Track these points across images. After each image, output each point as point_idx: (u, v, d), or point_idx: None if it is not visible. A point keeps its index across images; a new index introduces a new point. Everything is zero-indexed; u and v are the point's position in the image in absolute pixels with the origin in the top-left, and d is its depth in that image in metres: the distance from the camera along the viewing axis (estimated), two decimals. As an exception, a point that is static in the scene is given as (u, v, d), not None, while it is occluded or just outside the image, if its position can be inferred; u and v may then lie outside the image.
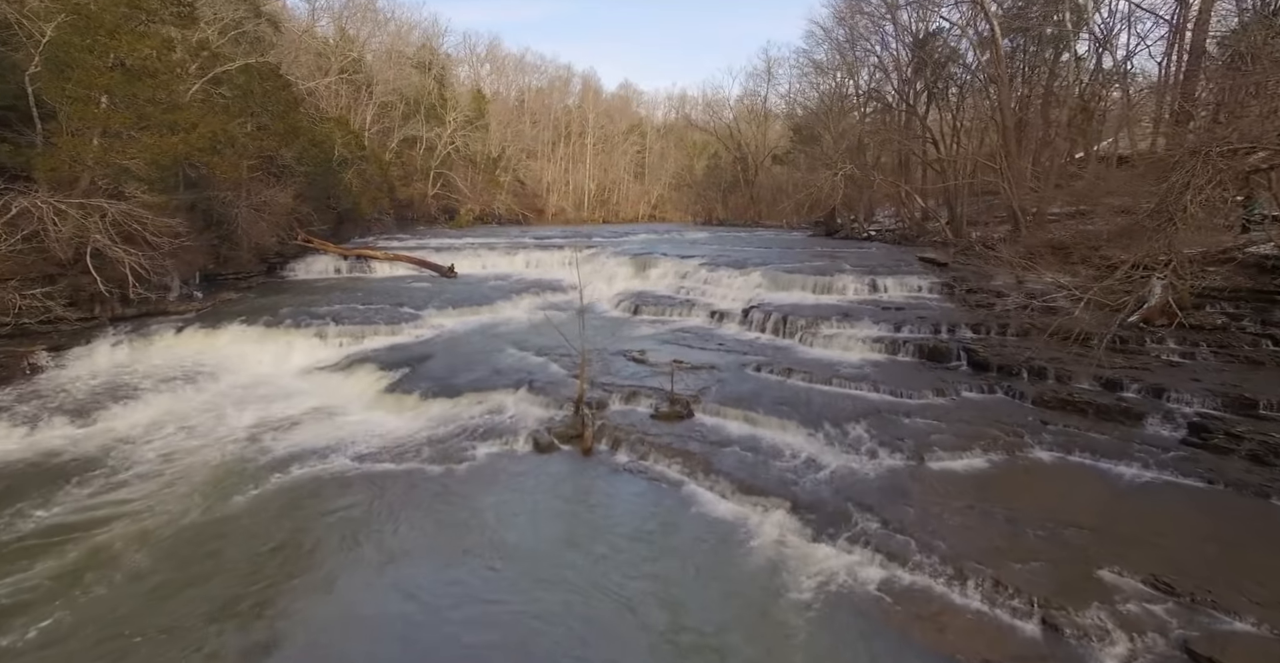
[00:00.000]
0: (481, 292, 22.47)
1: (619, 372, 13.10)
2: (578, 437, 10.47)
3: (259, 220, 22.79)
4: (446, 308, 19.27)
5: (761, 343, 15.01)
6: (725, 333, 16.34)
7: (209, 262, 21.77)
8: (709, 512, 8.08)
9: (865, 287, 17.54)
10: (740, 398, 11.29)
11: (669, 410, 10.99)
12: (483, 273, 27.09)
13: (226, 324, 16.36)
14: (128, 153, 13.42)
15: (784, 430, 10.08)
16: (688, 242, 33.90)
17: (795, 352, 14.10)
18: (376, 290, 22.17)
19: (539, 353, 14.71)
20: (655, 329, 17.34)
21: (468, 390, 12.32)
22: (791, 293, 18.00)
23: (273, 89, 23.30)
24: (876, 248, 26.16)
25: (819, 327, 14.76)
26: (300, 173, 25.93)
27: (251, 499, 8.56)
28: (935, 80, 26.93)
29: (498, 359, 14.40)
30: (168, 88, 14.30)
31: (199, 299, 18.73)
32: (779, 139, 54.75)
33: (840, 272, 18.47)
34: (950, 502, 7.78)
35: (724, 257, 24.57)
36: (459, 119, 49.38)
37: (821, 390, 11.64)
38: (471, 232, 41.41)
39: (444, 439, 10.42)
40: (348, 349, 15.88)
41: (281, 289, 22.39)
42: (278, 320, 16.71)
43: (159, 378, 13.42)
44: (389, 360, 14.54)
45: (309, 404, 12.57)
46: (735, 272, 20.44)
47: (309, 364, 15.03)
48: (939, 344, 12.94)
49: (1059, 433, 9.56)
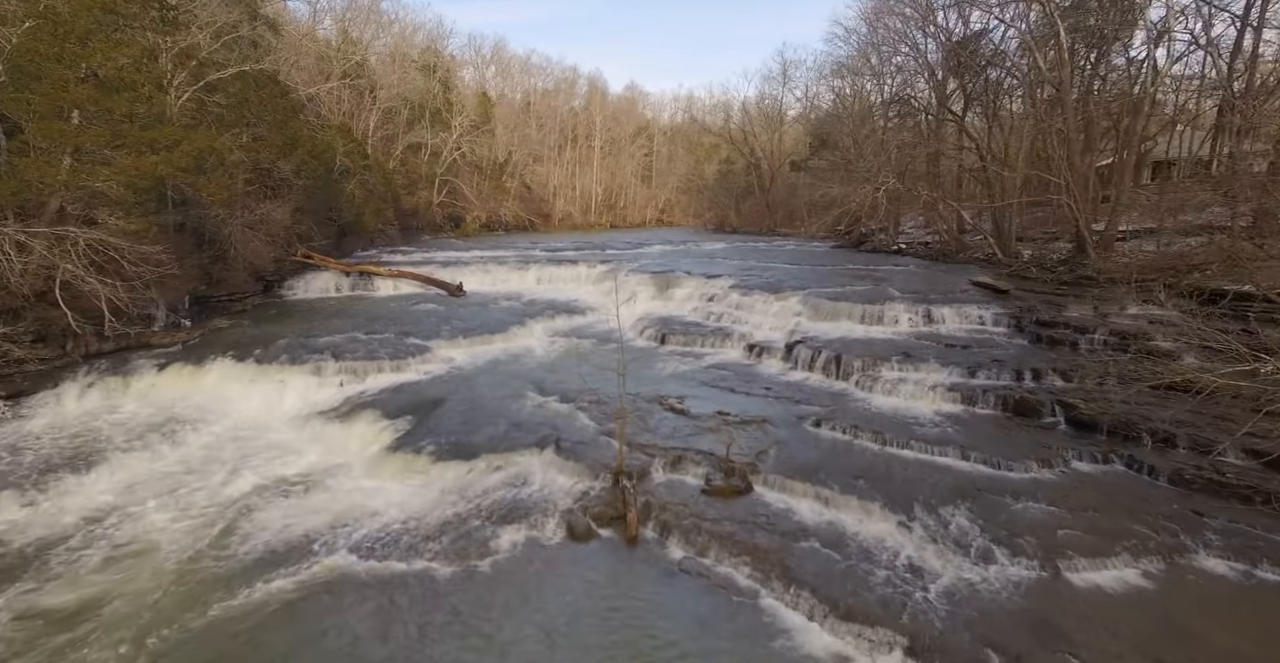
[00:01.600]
0: (493, 315, 20.86)
1: (657, 426, 11.44)
2: (619, 518, 8.82)
3: (254, 238, 21.23)
4: (456, 337, 17.65)
5: (812, 387, 13.34)
6: (767, 372, 14.67)
7: (199, 284, 20.21)
8: (799, 644, 6.41)
9: (919, 317, 15.85)
10: (806, 467, 9.63)
11: (724, 484, 9.34)
12: (492, 291, 25.48)
13: (214, 360, 14.76)
14: (101, 174, 11.83)
15: (868, 515, 8.41)
16: (706, 255, 32.25)
17: (854, 400, 12.42)
18: (380, 313, 20.59)
19: (563, 398, 13.07)
20: (687, 365, 15.69)
21: (485, 450, 10.69)
22: (838, 323, 16.32)
23: (269, 97, 21.73)
24: (914, 265, 24.42)
25: (878, 369, 13.09)
26: (299, 186, 24.37)
27: (221, 615, 6.92)
28: (975, 84, 25.20)
29: (516, 406, 12.76)
30: (148, 101, 12.70)
31: (186, 328, 17.14)
32: (794, 144, 53.11)
33: (890, 299, 16.77)
34: (1112, 643, 6.10)
35: (752, 275, 22.94)
36: (464, 123, 47.85)
37: (900, 457, 9.96)
38: (479, 243, 39.82)
39: (461, 522, 8.78)
40: (348, 389, 14.27)
41: (278, 312, 20.80)
42: (270, 355, 15.11)
43: (133, 429, 11.82)
44: (394, 406, 12.93)
45: (302, 465, 10.95)
46: (770, 296, 18.77)
47: (304, 408, 13.42)
48: (1026, 396, 11.23)
49: (1227, 532, 7.73)
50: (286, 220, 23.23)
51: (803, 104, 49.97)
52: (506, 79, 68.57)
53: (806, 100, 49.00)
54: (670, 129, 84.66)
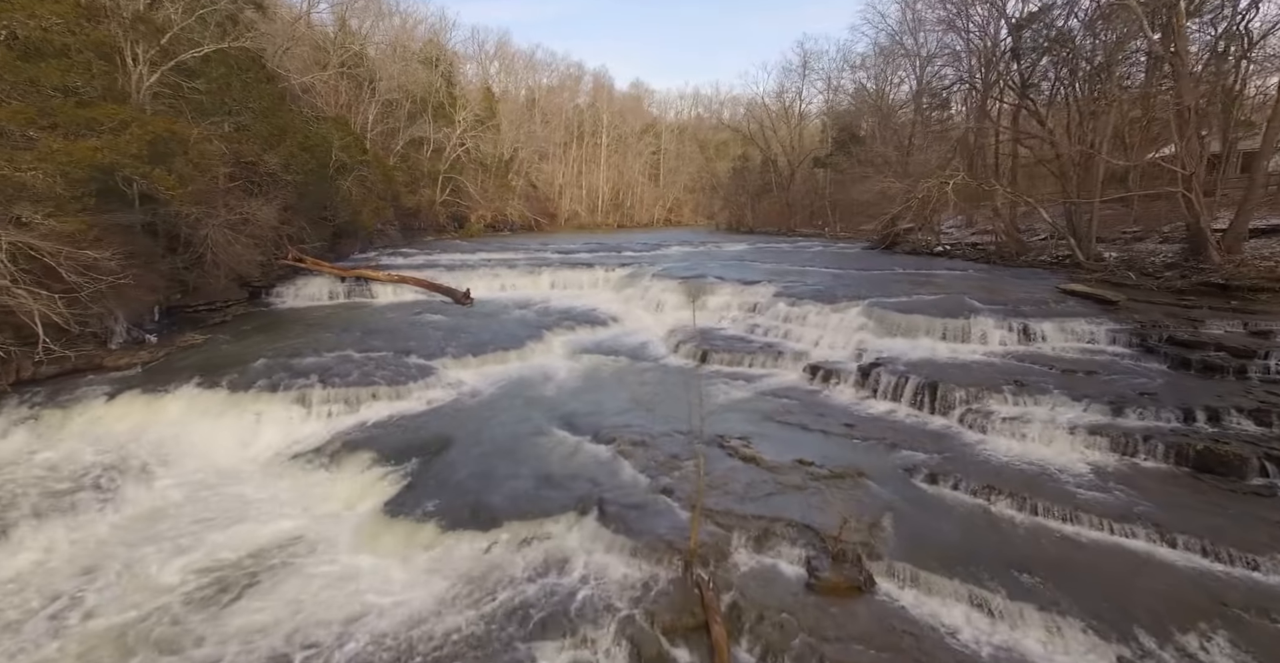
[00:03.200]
0: (505, 326, 18.46)
1: (726, 480, 9.00)
2: (698, 629, 6.40)
3: (236, 240, 18.84)
4: (465, 355, 15.25)
5: (905, 424, 10.88)
6: (839, 401, 12.23)
7: (172, 292, 17.83)
8: None
9: (1014, 334, 13.38)
10: (940, 550, 7.20)
11: (836, 577, 6.90)
12: (502, 297, 23.06)
13: (179, 386, 12.39)
14: (22, 162, 9.43)
15: (1057, 636, 5.97)
16: (732, 258, 29.82)
17: (965, 444, 9.96)
18: (379, 325, 18.20)
19: (597, 437, 10.66)
20: (738, 390, 13.27)
21: (507, 515, 8.28)
22: (914, 341, 13.86)
23: (253, 82, 19.33)
24: (973, 270, 21.90)
25: (986, 401, 10.62)
26: (289, 182, 21.96)
27: None
28: (1036, 66, 22.72)
29: (542, 449, 10.35)
30: (87, 74, 10.30)
31: (150, 345, 14.73)
32: (814, 139, 50.63)
33: (973, 311, 14.29)
34: None
35: (791, 280, 20.50)
36: (469, 119, 45.47)
37: (1067, 537, 7.48)
38: (484, 244, 37.40)
39: (483, 636, 6.36)
40: (337, 422, 11.89)
41: (263, 324, 18.40)
42: (247, 379, 12.74)
43: (63, 480, 9.41)
44: (391, 446, 10.58)
45: (274, 531, 8.56)
46: (824, 307, 16.32)
47: (284, 447, 11.05)
48: (1213, 446, 8.71)
49: None
50: (274, 220, 20.84)
51: (825, 96, 47.45)
52: (510, 75, 66.28)
53: (830, 91, 46.46)
54: (678, 126, 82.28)
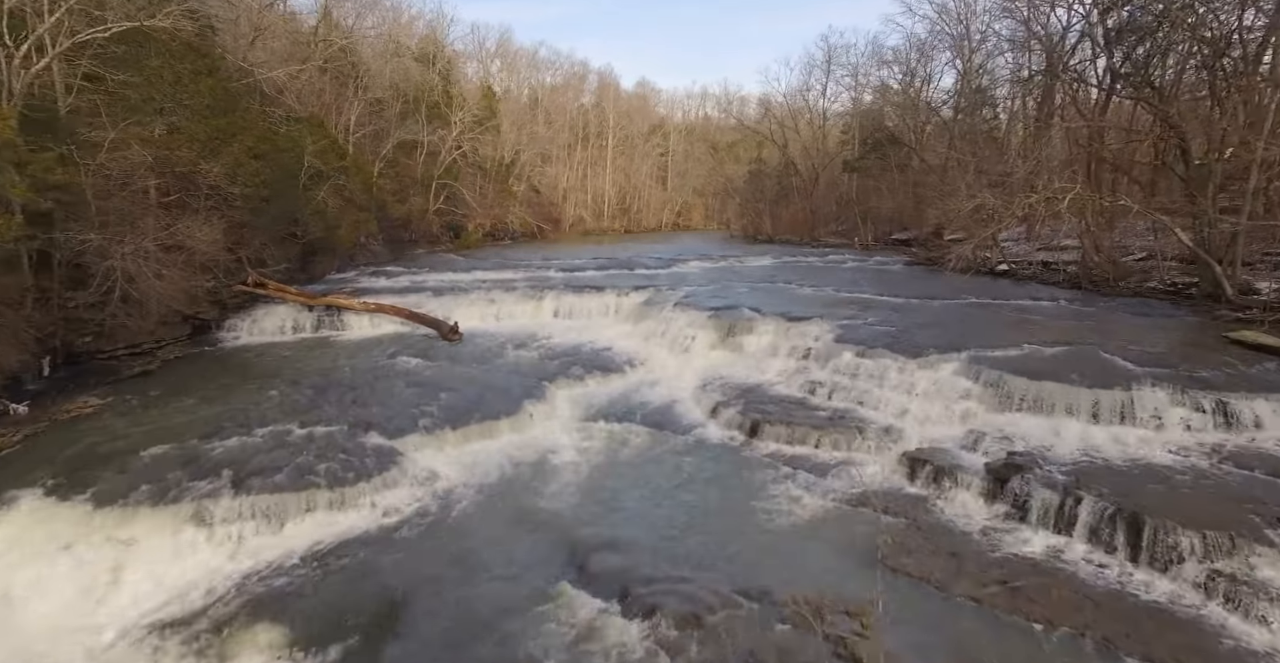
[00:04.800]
0: (497, 375, 14.86)
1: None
2: None
3: (165, 268, 15.23)
4: (442, 426, 11.64)
5: (1091, 582, 7.08)
6: (962, 523, 8.45)
7: (76, 336, 14.24)
8: None
9: (1205, 416, 9.51)
10: None
11: None
12: (497, 331, 19.36)
13: (18, 494, 8.76)
14: None
15: None
16: (761, 277, 25.98)
17: (1223, 642, 6.19)
18: (341, 375, 14.57)
19: (624, 602, 6.97)
20: (807, 493, 9.56)
21: None
22: (1052, 420, 10.06)
23: (189, 75, 15.72)
24: (1063, 299, 17.95)
25: (1239, 553, 6.80)
26: (245, 194, 18.33)
27: None
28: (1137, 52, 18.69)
29: (537, 626, 6.65)
30: None
31: (17, 417, 11.08)
32: (837, 141, 46.82)
33: (1133, 378, 10.43)
34: None
35: (849, 314, 16.64)
36: (467, 119, 41.83)
37: None
38: (481, 258, 33.70)
39: None
40: (246, 554, 8.32)
41: (194, 374, 14.76)
42: (128, 481, 9.18)
43: None
44: (318, 609, 7.02)
45: None
46: (907, 361, 12.51)
47: (149, 610, 7.44)
48: None
49: None
50: (220, 240, 17.21)
51: (851, 93, 43.60)
52: (512, 74, 62.67)
53: (857, 88, 42.59)
54: (686, 127, 78.48)
